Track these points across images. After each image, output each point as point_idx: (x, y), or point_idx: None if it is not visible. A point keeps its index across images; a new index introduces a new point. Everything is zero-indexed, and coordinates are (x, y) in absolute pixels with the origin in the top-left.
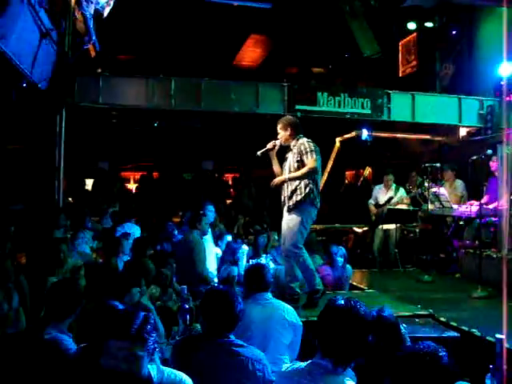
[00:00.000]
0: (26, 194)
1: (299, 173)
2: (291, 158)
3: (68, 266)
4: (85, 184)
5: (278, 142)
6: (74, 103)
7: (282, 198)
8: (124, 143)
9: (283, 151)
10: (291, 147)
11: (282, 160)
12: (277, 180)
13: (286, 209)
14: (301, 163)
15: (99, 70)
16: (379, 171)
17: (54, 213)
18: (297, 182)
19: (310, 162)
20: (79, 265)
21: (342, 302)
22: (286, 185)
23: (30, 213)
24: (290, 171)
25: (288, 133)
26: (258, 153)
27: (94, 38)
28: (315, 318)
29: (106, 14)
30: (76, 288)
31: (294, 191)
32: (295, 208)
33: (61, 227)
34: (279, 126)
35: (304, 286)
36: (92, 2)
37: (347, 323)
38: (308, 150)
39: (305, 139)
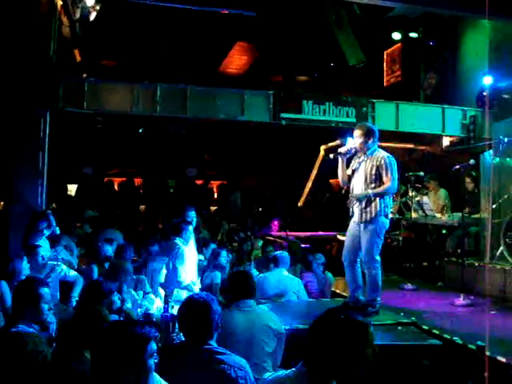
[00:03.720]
0: (7, 197)
1: (382, 190)
2: (368, 168)
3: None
4: (67, 189)
5: (353, 149)
6: (58, 108)
7: (353, 208)
8: (109, 149)
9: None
10: (366, 156)
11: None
12: (363, 195)
13: (358, 220)
14: (378, 176)
15: (84, 75)
16: None
17: (35, 218)
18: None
19: (391, 181)
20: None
21: (336, 314)
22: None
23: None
24: (366, 181)
25: (370, 140)
26: (331, 156)
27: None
28: (300, 326)
29: (91, 19)
30: (33, 286)
31: (369, 204)
32: (371, 221)
33: (41, 232)
34: (359, 132)
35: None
36: (78, 7)
37: (340, 335)
38: (388, 165)
39: (384, 152)
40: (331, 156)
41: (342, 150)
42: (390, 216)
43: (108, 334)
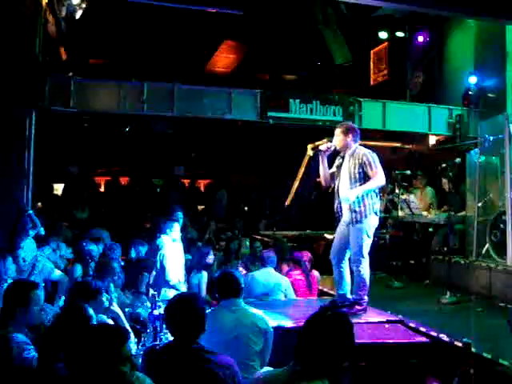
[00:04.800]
0: None
1: (371, 184)
2: (351, 167)
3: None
4: (53, 189)
5: (332, 146)
6: (44, 107)
7: (339, 207)
8: (95, 148)
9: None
10: (347, 154)
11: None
12: (353, 195)
13: (348, 220)
14: (363, 174)
15: (70, 74)
16: None
17: (20, 218)
18: (363, 194)
19: (378, 174)
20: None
21: (329, 311)
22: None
23: None
24: (351, 181)
25: (349, 139)
26: (310, 152)
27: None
28: (287, 325)
29: (78, 17)
30: (25, 289)
31: (358, 204)
32: (361, 221)
33: (27, 233)
34: (339, 130)
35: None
36: (64, 5)
37: (333, 332)
38: (371, 161)
39: (365, 149)
40: (311, 153)
41: (322, 147)
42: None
43: (83, 336)
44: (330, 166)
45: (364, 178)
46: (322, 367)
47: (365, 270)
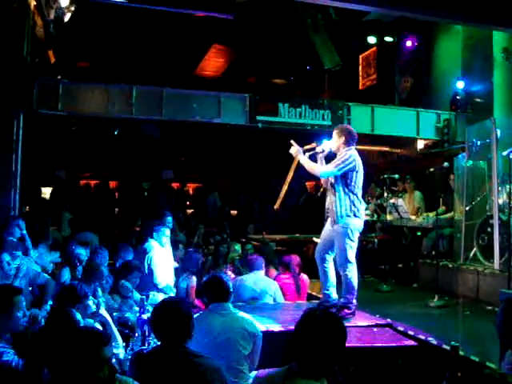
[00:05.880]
0: None
1: (314, 167)
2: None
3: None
4: (41, 192)
5: (327, 148)
6: (32, 110)
7: (326, 209)
8: (83, 151)
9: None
10: (338, 155)
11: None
12: (293, 151)
13: (330, 221)
14: (343, 174)
15: (59, 77)
16: None
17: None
18: (337, 194)
19: (329, 166)
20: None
21: (322, 312)
22: (328, 197)
23: None
24: (330, 180)
25: (342, 141)
26: (306, 153)
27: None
28: (276, 329)
29: (66, 20)
30: (7, 294)
31: (334, 203)
32: (339, 222)
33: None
34: (335, 132)
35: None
36: (52, 8)
37: (328, 333)
38: (339, 159)
39: (351, 151)
40: (306, 153)
41: (317, 148)
42: (365, 218)
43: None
44: None
45: (344, 177)
46: (319, 367)
47: (352, 273)
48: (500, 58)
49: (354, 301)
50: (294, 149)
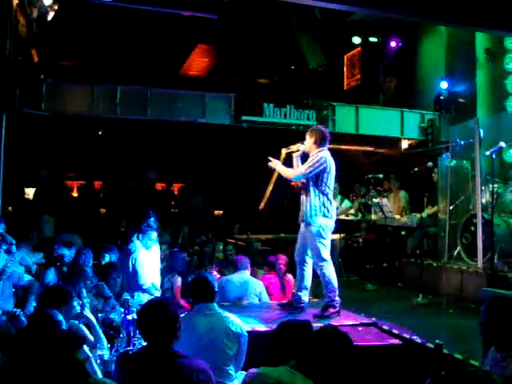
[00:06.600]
0: None
1: (288, 170)
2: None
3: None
4: (24, 193)
5: (301, 147)
6: (15, 109)
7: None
8: (67, 151)
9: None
10: (310, 156)
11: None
12: (275, 163)
13: (303, 222)
14: (314, 175)
15: (42, 76)
16: None
17: None
18: (308, 195)
19: (301, 169)
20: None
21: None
22: (301, 199)
23: None
24: (302, 182)
25: (313, 141)
26: (283, 151)
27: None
28: (261, 329)
29: (49, 18)
30: None
31: (304, 204)
32: (309, 222)
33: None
34: (307, 135)
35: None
36: (35, 6)
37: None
38: (310, 161)
39: (323, 153)
40: (283, 151)
41: (293, 147)
42: (350, 217)
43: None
44: None
45: (315, 178)
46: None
47: (328, 271)
48: (483, 59)
49: (337, 298)
50: (274, 163)
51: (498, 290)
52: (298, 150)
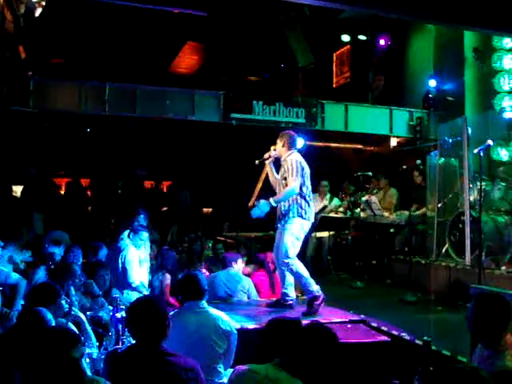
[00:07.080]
0: None
1: (282, 196)
2: (280, 173)
3: None
4: (12, 190)
5: (273, 153)
6: (2, 106)
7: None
8: (56, 148)
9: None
10: (282, 161)
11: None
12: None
13: (279, 223)
14: (286, 181)
15: (30, 73)
16: (313, 180)
17: None
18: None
19: (291, 184)
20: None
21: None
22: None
23: None
24: (279, 187)
25: (282, 145)
26: (256, 162)
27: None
28: (250, 326)
29: (37, 14)
30: None
31: (283, 205)
32: (286, 222)
33: None
34: (278, 139)
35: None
36: (23, 2)
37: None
38: (291, 169)
39: (294, 156)
40: (256, 162)
41: (265, 155)
42: (339, 215)
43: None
44: None
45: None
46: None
47: (295, 266)
48: (471, 57)
49: (316, 287)
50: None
51: (485, 286)
52: (270, 157)
